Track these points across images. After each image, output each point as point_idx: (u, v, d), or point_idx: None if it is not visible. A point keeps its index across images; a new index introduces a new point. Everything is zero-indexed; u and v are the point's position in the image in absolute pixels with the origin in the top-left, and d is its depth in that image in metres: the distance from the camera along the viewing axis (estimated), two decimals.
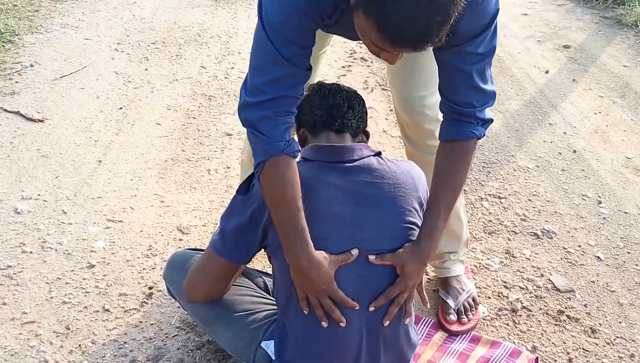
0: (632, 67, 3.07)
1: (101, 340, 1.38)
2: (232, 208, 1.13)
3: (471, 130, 1.12)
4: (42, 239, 1.68)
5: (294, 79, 1.02)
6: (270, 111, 1.02)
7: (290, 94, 1.03)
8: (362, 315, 1.09)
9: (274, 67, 1.00)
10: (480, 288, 1.64)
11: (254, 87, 1.02)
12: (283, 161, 1.04)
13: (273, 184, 1.04)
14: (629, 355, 1.47)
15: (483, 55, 1.05)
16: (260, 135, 1.03)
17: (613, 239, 1.88)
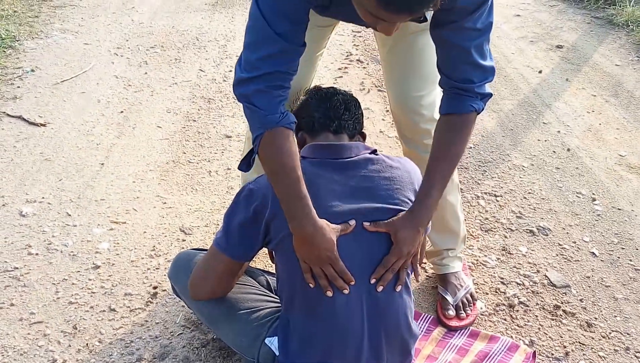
0: (624, 66, 3.11)
1: (108, 339, 1.41)
2: (234, 206, 1.16)
3: (470, 103, 1.14)
4: (48, 241, 1.70)
5: (287, 55, 1.04)
6: (264, 85, 1.04)
7: (283, 70, 1.04)
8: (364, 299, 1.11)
9: (267, 44, 1.01)
10: (477, 284, 1.66)
11: (248, 63, 1.04)
12: (280, 133, 1.06)
13: (272, 155, 1.07)
14: (624, 348, 1.50)
15: (481, 31, 1.07)
16: (256, 108, 1.05)
17: (607, 235, 1.91)
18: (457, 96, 1.15)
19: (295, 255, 1.11)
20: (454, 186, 1.58)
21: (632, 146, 2.43)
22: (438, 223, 1.56)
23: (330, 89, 1.28)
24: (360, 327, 1.12)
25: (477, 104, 1.15)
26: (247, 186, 1.16)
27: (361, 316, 1.12)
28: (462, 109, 1.15)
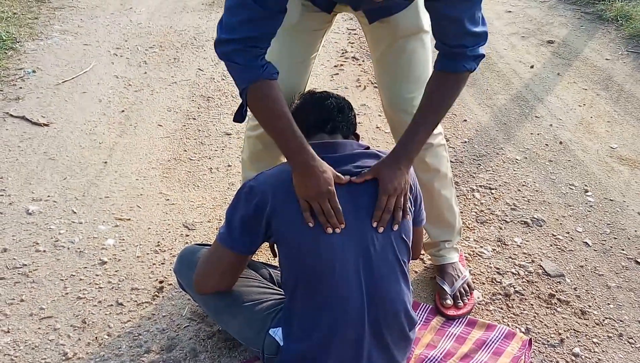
0: (614, 60, 3.17)
1: (116, 332, 1.44)
2: (235, 202, 1.19)
3: (463, 64, 1.20)
4: (55, 238, 1.73)
5: (264, 20, 1.09)
6: (242, 45, 1.09)
7: (260, 34, 1.10)
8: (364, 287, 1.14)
9: (245, 9, 1.06)
10: (474, 274, 1.71)
11: (227, 25, 1.09)
12: (263, 84, 1.12)
13: (260, 105, 1.13)
14: (617, 334, 1.55)
15: (472, 1, 1.12)
16: (237, 65, 1.11)
17: (600, 225, 1.96)
18: (450, 56, 1.20)
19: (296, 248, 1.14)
20: (448, 181, 1.62)
21: (623, 138, 2.48)
22: (434, 216, 1.61)
23: (324, 93, 1.33)
24: (361, 313, 1.15)
25: (470, 64, 1.21)
26: (247, 183, 1.19)
27: (362, 303, 1.15)
28: (455, 69, 1.21)
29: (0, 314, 1.47)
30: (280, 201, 1.14)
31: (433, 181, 1.57)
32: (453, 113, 2.60)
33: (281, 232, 1.15)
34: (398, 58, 1.43)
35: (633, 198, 2.11)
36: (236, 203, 1.19)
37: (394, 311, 1.19)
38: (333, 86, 2.73)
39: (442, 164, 1.58)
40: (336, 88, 2.71)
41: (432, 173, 1.57)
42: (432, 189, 1.58)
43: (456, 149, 2.34)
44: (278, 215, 1.14)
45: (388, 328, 1.20)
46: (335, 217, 1.13)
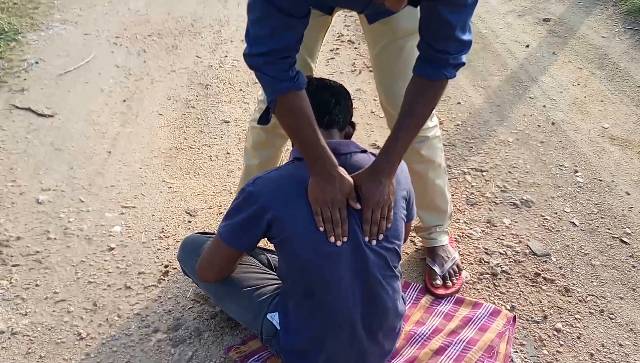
0: (611, 37, 3.16)
1: (126, 314, 1.54)
2: (235, 207, 1.23)
3: (443, 71, 1.19)
4: (64, 226, 1.82)
5: (292, 28, 1.08)
6: (272, 57, 1.10)
7: (289, 43, 1.10)
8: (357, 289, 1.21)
9: (272, 20, 1.05)
10: (463, 255, 1.78)
11: (255, 38, 1.09)
12: (291, 96, 1.14)
13: (287, 116, 1.16)
14: (599, 310, 1.62)
15: (468, 7, 1.11)
16: (268, 77, 1.12)
17: (588, 205, 2.01)
18: (432, 61, 1.19)
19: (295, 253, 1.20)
20: (442, 170, 1.67)
21: (616, 117, 2.51)
22: (427, 204, 1.68)
23: (321, 82, 1.33)
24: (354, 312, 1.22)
25: (449, 72, 1.21)
26: (247, 188, 1.22)
27: (354, 304, 1.22)
28: (435, 75, 1.20)
29: (18, 298, 1.57)
30: (281, 207, 1.18)
31: (428, 171, 1.63)
32: (447, 96, 2.63)
33: (281, 237, 1.20)
34: (397, 56, 1.45)
35: (622, 178, 2.16)
36: (235, 207, 1.23)
37: (385, 310, 1.26)
38: (329, 71, 2.77)
39: (436, 156, 1.63)
40: (332, 73, 2.75)
41: (427, 164, 1.62)
42: (427, 178, 1.64)
43: (449, 133, 2.39)
44: (278, 221, 1.18)
45: (379, 325, 1.27)
46: (341, 228, 1.16)
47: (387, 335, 1.33)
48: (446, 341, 1.48)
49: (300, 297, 1.25)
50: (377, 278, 1.23)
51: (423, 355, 1.43)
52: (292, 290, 1.27)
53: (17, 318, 1.51)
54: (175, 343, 1.46)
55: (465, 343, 1.47)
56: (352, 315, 1.23)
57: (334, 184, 1.15)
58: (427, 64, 1.21)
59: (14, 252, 1.71)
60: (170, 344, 1.46)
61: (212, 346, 1.46)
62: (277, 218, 1.19)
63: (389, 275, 1.25)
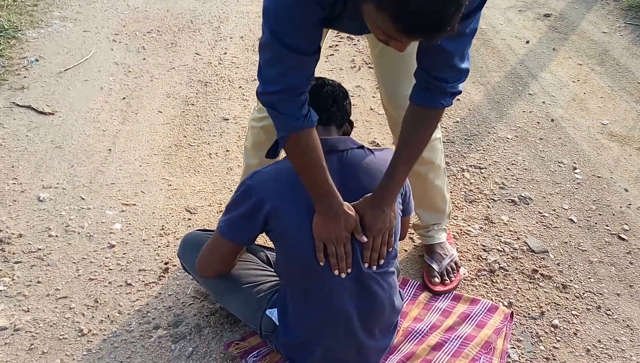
0: (611, 33, 3.15)
1: (126, 310, 1.56)
2: (234, 200, 1.25)
3: (440, 100, 1.20)
4: (65, 224, 1.83)
5: (304, 66, 1.09)
6: (286, 95, 1.11)
7: (302, 80, 1.11)
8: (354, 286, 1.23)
9: (284, 59, 1.06)
10: (461, 252, 1.80)
11: (268, 78, 1.10)
12: (303, 134, 1.15)
13: (297, 153, 1.17)
14: (595, 306, 1.63)
15: (466, 35, 1.11)
16: (281, 114, 1.13)
17: (586, 202, 2.02)
18: (428, 90, 1.20)
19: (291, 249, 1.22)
20: (442, 171, 1.68)
21: (615, 114, 2.51)
22: (426, 203, 1.69)
23: (319, 81, 1.34)
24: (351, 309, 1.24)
25: (446, 100, 1.22)
26: (246, 181, 1.25)
27: (350, 300, 1.24)
28: (431, 104, 1.21)
29: (20, 295, 1.59)
30: (278, 201, 1.20)
31: (428, 172, 1.64)
32: None
33: (278, 231, 1.22)
34: (398, 56, 1.43)
35: (621, 174, 2.16)
36: (235, 201, 1.25)
37: (381, 305, 1.28)
38: (328, 68, 2.77)
39: (437, 157, 1.64)
40: (331, 70, 2.75)
41: (428, 165, 1.63)
42: (426, 179, 1.65)
43: (448, 130, 2.40)
44: (275, 215, 1.20)
45: (375, 320, 1.29)
46: (345, 261, 1.20)
47: (384, 330, 1.35)
48: (444, 337, 1.49)
49: (296, 293, 1.26)
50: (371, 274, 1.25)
51: (421, 350, 1.44)
52: (289, 285, 1.28)
53: (19, 315, 1.53)
54: (176, 339, 1.48)
55: (463, 339, 1.48)
56: (347, 310, 1.24)
57: (339, 223, 1.18)
58: (425, 93, 1.21)
59: (16, 249, 1.73)
60: (170, 340, 1.48)
61: (212, 342, 1.47)
62: (274, 212, 1.20)
63: (384, 270, 1.27)
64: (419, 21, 0.84)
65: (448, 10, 0.84)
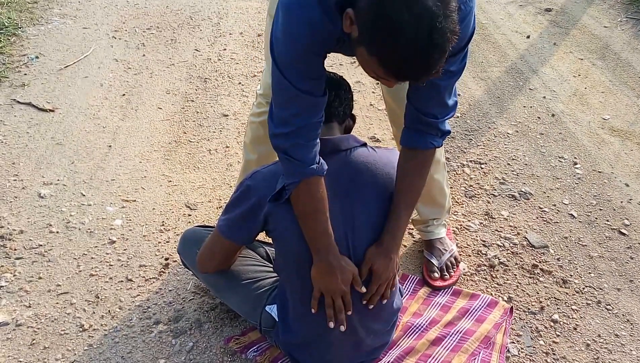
0: (612, 27, 3.14)
1: (127, 306, 1.57)
2: (234, 200, 1.26)
3: (431, 141, 1.25)
4: (66, 220, 1.84)
5: (314, 107, 1.12)
6: (299, 139, 1.13)
7: (314, 121, 1.13)
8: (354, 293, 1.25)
9: (295, 101, 1.10)
10: (461, 247, 1.80)
11: (280, 119, 1.13)
12: (314, 181, 1.16)
13: (305, 201, 1.17)
14: (595, 301, 1.64)
15: (453, 73, 1.15)
16: (294, 160, 1.14)
17: (586, 197, 2.02)
18: (419, 132, 1.25)
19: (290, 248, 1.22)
20: (441, 165, 1.68)
21: (616, 108, 2.51)
22: (425, 198, 1.68)
23: None
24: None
25: (437, 141, 1.27)
26: (245, 181, 1.25)
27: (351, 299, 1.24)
28: (423, 145, 1.26)
29: (22, 290, 1.60)
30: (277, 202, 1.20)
31: None
32: None
33: (277, 230, 1.22)
34: None
35: (621, 169, 2.16)
36: (234, 201, 1.26)
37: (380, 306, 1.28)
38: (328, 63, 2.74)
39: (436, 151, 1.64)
40: (331, 65, 2.75)
41: None
42: None
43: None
44: (274, 215, 1.21)
45: (374, 318, 1.30)
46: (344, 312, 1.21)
47: (383, 327, 1.35)
48: (443, 332, 1.50)
49: (295, 290, 1.27)
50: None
51: (420, 345, 1.45)
52: (288, 282, 1.29)
53: (21, 310, 1.54)
54: (176, 334, 1.49)
55: (462, 334, 1.48)
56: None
57: (336, 276, 1.19)
58: (415, 134, 1.26)
59: (17, 245, 1.74)
60: (171, 335, 1.48)
61: (212, 337, 1.48)
62: (274, 212, 1.21)
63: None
64: (405, 67, 0.90)
65: (433, 57, 0.89)
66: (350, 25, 0.96)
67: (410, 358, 1.42)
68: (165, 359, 1.43)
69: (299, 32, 1.03)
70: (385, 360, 1.41)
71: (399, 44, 0.88)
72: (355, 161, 1.25)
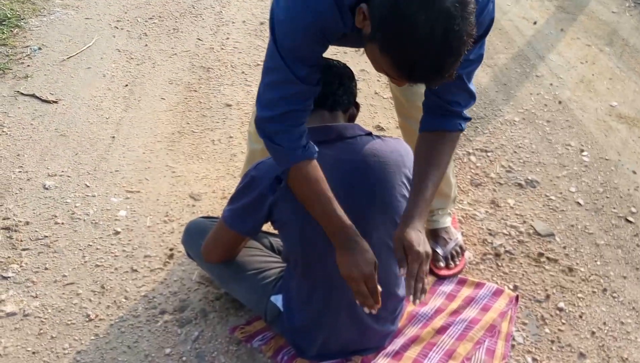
0: (621, 13, 3.09)
1: (133, 296, 1.57)
2: (239, 191, 1.26)
3: (458, 122, 1.21)
4: (71, 211, 1.85)
5: (305, 95, 1.10)
6: (284, 124, 1.10)
7: (301, 108, 1.11)
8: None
9: (287, 85, 1.07)
10: (466, 236, 1.79)
11: (268, 101, 1.10)
12: (305, 165, 1.13)
13: (301, 185, 1.15)
14: (601, 289, 1.63)
15: (472, 61, 1.13)
16: (279, 147, 1.12)
17: (593, 185, 2.01)
18: (444, 115, 1.20)
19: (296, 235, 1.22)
20: None
21: (624, 95, 2.48)
22: None
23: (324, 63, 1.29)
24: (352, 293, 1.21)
25: (462, 125, 1.22)
26: (250, 172, 1.24)
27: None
28: (450, 127, 1.20)
29: (29, 281, 1.61)
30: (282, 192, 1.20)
31: None
32: None
33: (283, 220, 1.22)
34: None
35: (629, 157, 2.15)
36: (239, 192, 1.25)
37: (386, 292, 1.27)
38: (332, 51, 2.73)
39: None
40: (335, 53, 2.72)
41: None
42: None
43: None
44: (279, 206, 1.20)
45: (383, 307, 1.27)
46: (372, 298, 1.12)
47: (389, 316, 1.35)
48: (448, 320, 1.50)
49: (300, 278, 1.27)
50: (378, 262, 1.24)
51: (425, 334, 1.45)
52: (293, 270, 1.29)
53: (28, 301, 1.55)
54: (182, 324, 1.50)
55: (468, 323, 1.48)
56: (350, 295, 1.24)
57: (362, 255, 1.12)
58: (440, 118, 1.21)
59: (23, 237, 1.75)
60: (176, 325, 1.49)
61: (218, 326, 1.49)
62: (278, 202, 1.20)
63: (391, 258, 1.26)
64: (417, 69, 0.87)
65: (447, 60, 0.86)
66: (362, 20, 0.93)
67: (416, 347, 1.42)
68: (171, 348, 1.44)
69: (305, 20, 1.00)
70: (390, 348, 1.41)
71: (411, 44, 0.85)
72: (360, 149, 1.24)
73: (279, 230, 1.28)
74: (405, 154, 1.30)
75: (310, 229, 1.20)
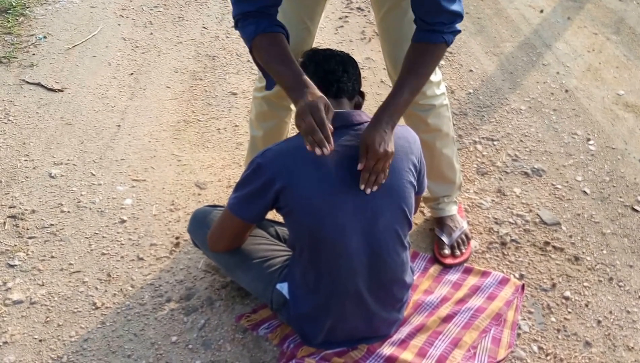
0: (628, 1, 3.05)
1: (139, 284, 1.58)
2: (245, 178, 1.25)
3: (442, 35, 1.27)
4: (77, 199, 1.85)
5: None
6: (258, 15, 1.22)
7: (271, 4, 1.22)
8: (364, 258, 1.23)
9: None
10: (472, 224, 1.79)
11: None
12: (268, 35, 1.23)
13: (264, 50, 1.23)
14: (607, 278, 1.63)
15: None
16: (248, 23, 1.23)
17: (600, 174, 2.00)
18: (428, 30, 1.28)
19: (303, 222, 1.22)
20: (450, 139, 1.66)
21: (631, 84, 2.46)
22: (435, 174, 1.67)
23: (327, 51, 1.32)
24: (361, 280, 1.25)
25: (447, 36, 1.28)
26: (256, 160, 1.24)
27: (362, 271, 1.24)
28: (433, 39, 1.28)
29: (35, 269, 1.62)
30: (288, 179, 1.19)
31: (435, 140, 1.62)
32: (459, 63, 2.59)
33: (289, 206, 1.21)
34: (401, 19, 1.45)
35: (635, 146, 2.13)
36: (245, 179, 1.25)
37: (393, 278, 1.28)
38: (337, 40, 2.72)
39: (444, 124, 1.62)
40: (341, 42, 2.70)
41: (434, 133, 1.61)
42: (434, 148, 1.63)
43: (460, 101, 2.36)
44: (286, 192, 1.20)
45: (386, 294, 1.30)
46: (321, 133, 1.09)
47: (395, 303, 1.35)
48: (454, 309, 1.50)
49: (306, 265, 1.27)
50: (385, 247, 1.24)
51: (431, 322, 1.45)
52: (300, 258, 1.29)
53: (34, 289, 1.56)
54: (188, 312, 1.50)
55: (473, 311, 1.49)
56: (357, 282, 1.25)
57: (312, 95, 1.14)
58: (425, 32, 1.28)
59: (30, 225, 1.76)
60: (183, 313, 1.50)
61: (224, 315, 1.49)
62: (285, 188, 1.20)
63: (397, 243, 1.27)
64: None
65: None
66: None
67: (421, 335, 1.42)
68: (177, 336, 1.45)
69: None
70: (396, 337, 1.41)
71: None
72: None
73: (284, 217, 1.28)
74: (413, 141, 1.29)
75: (317, 216, 1.20)
